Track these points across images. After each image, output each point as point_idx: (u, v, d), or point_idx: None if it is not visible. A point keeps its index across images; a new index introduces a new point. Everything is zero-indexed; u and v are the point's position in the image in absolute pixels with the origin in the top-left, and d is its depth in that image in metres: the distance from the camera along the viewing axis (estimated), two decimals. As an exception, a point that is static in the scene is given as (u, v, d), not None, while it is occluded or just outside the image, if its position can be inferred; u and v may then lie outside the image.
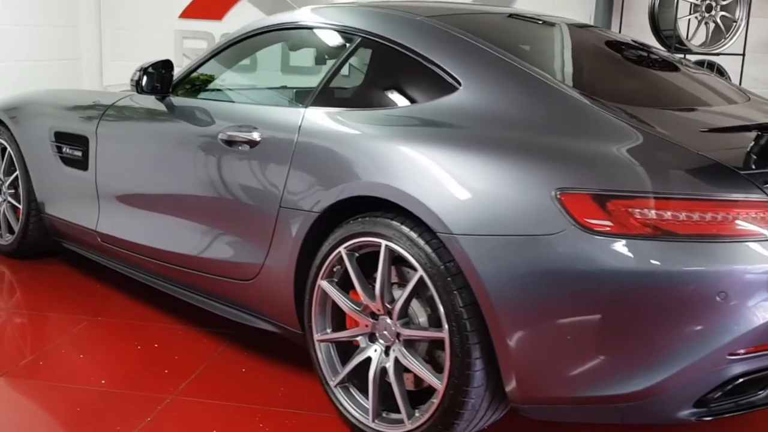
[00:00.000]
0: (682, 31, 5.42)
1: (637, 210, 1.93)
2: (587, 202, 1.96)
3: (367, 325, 2.43)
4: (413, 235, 2.22)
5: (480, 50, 2.49)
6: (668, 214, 1.92)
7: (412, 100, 2.57)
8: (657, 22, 5.49)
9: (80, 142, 3.61)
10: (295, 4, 6.21)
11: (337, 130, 2.54)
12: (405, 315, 2.33)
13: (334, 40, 2.98)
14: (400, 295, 2.30)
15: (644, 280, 1.90)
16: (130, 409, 2.61)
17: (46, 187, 3.90)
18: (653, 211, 1.92)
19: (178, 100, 3.21)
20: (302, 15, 3.04)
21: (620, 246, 1.92)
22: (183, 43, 6.44)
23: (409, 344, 2.33)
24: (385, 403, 2.41)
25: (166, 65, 3.17)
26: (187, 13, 6.45)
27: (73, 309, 3.51)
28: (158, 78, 3.14)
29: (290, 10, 3.27)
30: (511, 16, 3.13)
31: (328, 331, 2.57)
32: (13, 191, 4.17)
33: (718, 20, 5.38)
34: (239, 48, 3.25)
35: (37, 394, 2.74)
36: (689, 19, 5.43)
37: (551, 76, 2.40)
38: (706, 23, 5.46)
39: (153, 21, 6.43)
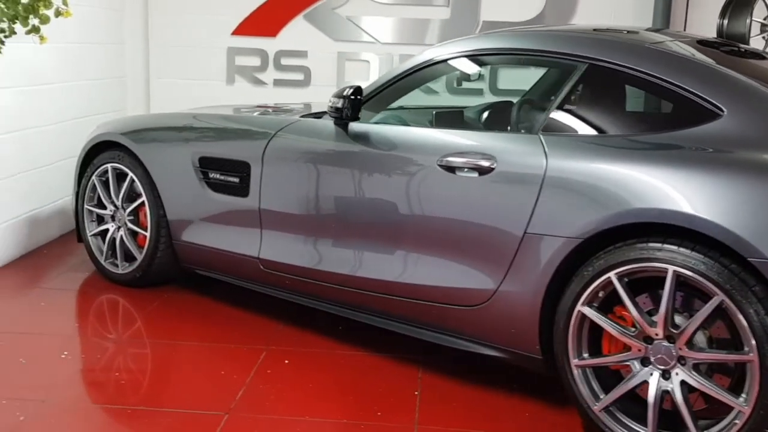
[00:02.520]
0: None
1: None
2: None
3: (640, 350, 2.47)
4: (709, 260, 2.27)
5: (730, 77, 2.56)
6: None
7: (669, 127, 2.61)
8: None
9: (238, 168, 3.53)
10: (353, 22, 6.20)
11: (600, 157, 2.56)
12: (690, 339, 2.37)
13: (548, 65, 3.01)
14: (692, 319, 2.34)
15: None
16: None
17: (184, 214, 3.79)
18: None
19: (371, 126, 3.18)
20: (505, 41, 3.07)
21: None
22: (235, 60, 6.34)
23: (696, 367, 2.38)
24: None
25: (359, 91, 3.14)
26: (240, 30, 6.34)
27: (241, 339, 3.42)
28: (355, 104, 3.10)
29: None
30: (700, 42, 3.22)
31: (585, 356, 2.59)
32: (132, 218, 4.04)
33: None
34: (427, 73, 3.23)
35: (279, 429, 2.67)
36: (762, 38, 5.65)
37: None
38: (774, 44, 5.67)
39: (204, 38, 6.29)
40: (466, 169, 2.81)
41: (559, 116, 2.80)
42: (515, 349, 2.79)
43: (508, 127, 3.26)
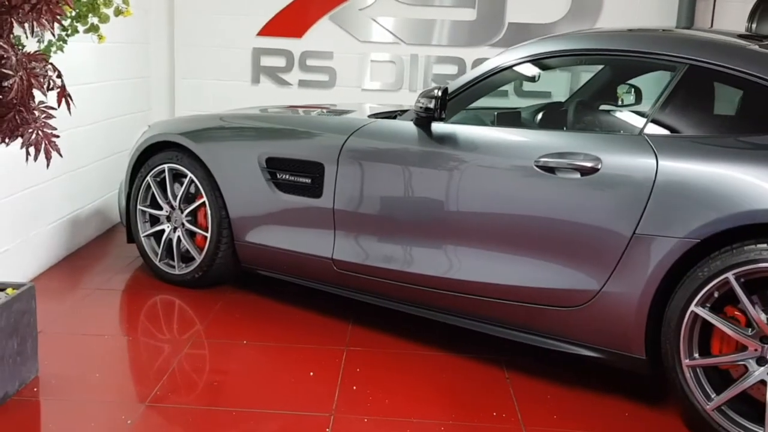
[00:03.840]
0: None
1: None
2: None
3: (756, 349, 2.49)
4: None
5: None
6: None
7: (780, 128, 2.64)
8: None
9: (311, 168, 3.50)
10: (378, 23, 6.19)
11: (712, 158, 2.58)
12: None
13: (645, 67, 3.03)
14: (815, 319, 2.38)
15: None
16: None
17: (248, 214, 3.75)
18: None
19: (457, 127, 3.17)
20: (596, 42, 3.08)
21: None
22: (261, 61, 6.29)
23: (817, 366, 2.41)
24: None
25: (446, 92, 3.13)
26: (265, 31, 6.29)
27: (317, 340, 3.39)
28: (445, 105, 3.09)
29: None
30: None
31: (696, 356, 2.61)
32: (190, 218, 3.99)
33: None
34: (508, 75, 3.23)
35: (389, 430, 2.65)
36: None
37: None
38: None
39: (229, 38, 6.24)
40: (566, 170, 2.81)
41: (662, 117, 2.82)
42: (617, 350, 2.80)
43: (564, 127, 3.27)
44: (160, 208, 4.08)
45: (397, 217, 3.27)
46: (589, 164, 2.78)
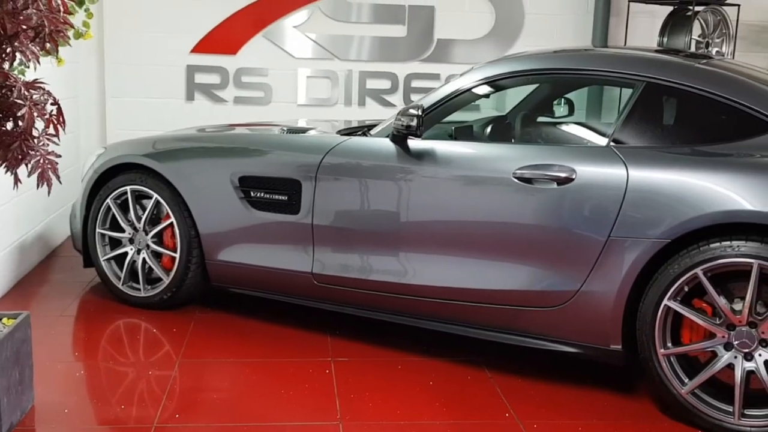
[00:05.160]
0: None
1: None
2: None
3: (724, 336, 2.79)
4: (790, 253, 2.63)
5: None
6: None
7: (729, 138, 2.95)
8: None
9: (287, 186, 3.59)
10: (312, 39, 6.31)
11: (677, 166, 2.87)
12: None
13: (609, 84, 3.29)
14: (775, 306, 2.69)
15: None
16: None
17: (220, 233, 3.79)
18: None
19: (434, 143, 3.34)
20: (558, 62, 3.34)
21: None
22: (195, 78, 6.29)
23: (777, 347, 2.73)
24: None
25: (423, 110, 3.30)
26: (199, 48, 6.29)
27: (301, 353, 3.47)
28: (420, 121, 3.26)
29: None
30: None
31: (670, 345, 2.88)
32: (155, 240, 3.99)
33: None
34: (483, 90, 3.44)
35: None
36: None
37: None
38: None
39: (162, 56, 6.20)
40: (543, 180, 3.04)
41: (626, 130, 3.09)
42: (595, 344, 3.05)
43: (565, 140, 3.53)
44: (122, 231, 4.05)
45: (379, 230, 3.41)
46: (564, 174, 3.01)
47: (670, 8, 6.13)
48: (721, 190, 2.75)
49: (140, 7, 6.05)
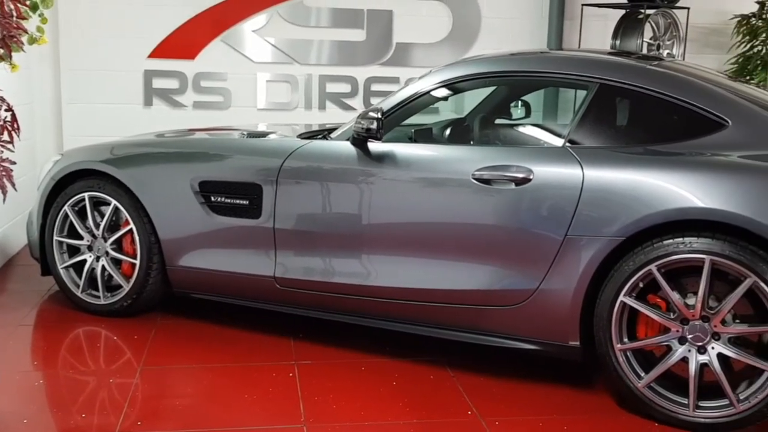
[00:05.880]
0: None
1: None
2: None
3: (678, 330, 2.86)
4: (739, 248, 2.71)
5: (719, 92, 3.05)
6: None
7: (680, 137, 3.03)
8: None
9: (248, 190, 3.59)
10: (271, 44, 6.31)
11: (631, 165, 2.94)
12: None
13: (564, 86, 3.36)
14: (727, 300, 2.77)
15: None
16: None
17: (181, 239, 3.78)
18: None
19: (394, 146, 3.37)
20: (514, 65, 3.40)
21: None
22: (153, 83, 6.24)
23: (730, 340, 2.80)
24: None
25: (384, 113, 3.33)
26: (157, 53, 6.24)
27: (264, 357, 3.47)
28: (379, 124, 3.29)
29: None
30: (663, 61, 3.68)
31: (626, 340, 2.95)
32: (115, 246, 3.96)
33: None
34: (436, 95, 3.49)
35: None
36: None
37: None
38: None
39: (119, 61, 6.14)
40: (501, 181, 3.09)
41: (580, 131, 3.16)
42: (554, 341, 3.10)
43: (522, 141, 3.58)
44: (81, 238, 4.01)
45: (340, 233, 3.43)
46: (521, 175, 3.07)
47: (623, 11, 6.26)
48: (673, 188, 2.83)
49: (96, 12, 5.98)
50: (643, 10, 5.99)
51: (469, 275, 3.18)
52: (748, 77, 6.22)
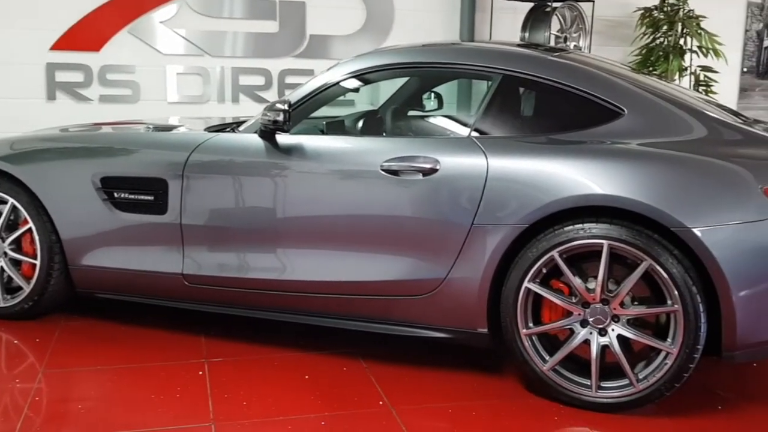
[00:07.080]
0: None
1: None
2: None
3: (580, 314, 2.94)
4: (636, 233, 2.80)
5: (616, 82, 3.14)
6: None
7: (581, 126, 3.10)
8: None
9: (152, 185, 3.50)
10: (181, 35, 6.19)
11: (532, 154, 2.99)
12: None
13: (464, 77, 3.39)
14: (625, 283, 2.86)
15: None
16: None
17: (83, 237, 3.65)
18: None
19: (302, 138, 3.35)
20: (421, 56, 3.42)
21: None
22: (56, 77, 6.02)
23: (629, 322, 2.90)
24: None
25: (290, 105, 3.29)
26: (59, 45, 6.02)
27: (173, 357, 3.40)
28: (289, 117, 3.25)
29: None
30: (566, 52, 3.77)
31: (531, 325, 3.01)
32: (13, 247, 3.80)
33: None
34: (343, 87, 3.47)
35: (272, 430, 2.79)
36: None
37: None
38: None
39: (18, 53, 5.90)
40: (409, 172, 3.11)
41: (485, 121, 3.20)
42: (463, 329, 3.14)
43: (431, 131, 3.60)
44: (-24, 239, 3.84)
45: (249, 228, 3.38)
46: (428, 165, 3.09)
47: (531, 5, 6.39)
48: (574, 176, 2.90)
49: (-7, 1, 5.74)
50: (550, 3, 6.12)
51: (380, 266, 3.19)
52: (650, 68, 6.44)
